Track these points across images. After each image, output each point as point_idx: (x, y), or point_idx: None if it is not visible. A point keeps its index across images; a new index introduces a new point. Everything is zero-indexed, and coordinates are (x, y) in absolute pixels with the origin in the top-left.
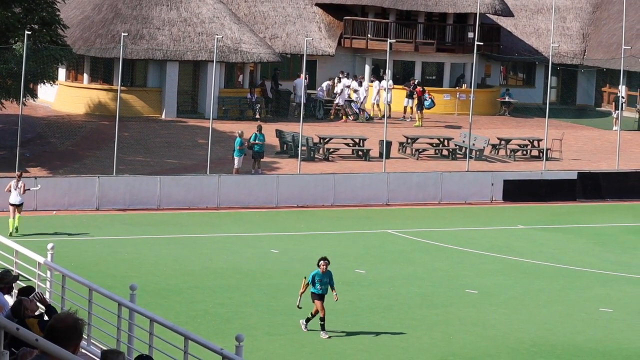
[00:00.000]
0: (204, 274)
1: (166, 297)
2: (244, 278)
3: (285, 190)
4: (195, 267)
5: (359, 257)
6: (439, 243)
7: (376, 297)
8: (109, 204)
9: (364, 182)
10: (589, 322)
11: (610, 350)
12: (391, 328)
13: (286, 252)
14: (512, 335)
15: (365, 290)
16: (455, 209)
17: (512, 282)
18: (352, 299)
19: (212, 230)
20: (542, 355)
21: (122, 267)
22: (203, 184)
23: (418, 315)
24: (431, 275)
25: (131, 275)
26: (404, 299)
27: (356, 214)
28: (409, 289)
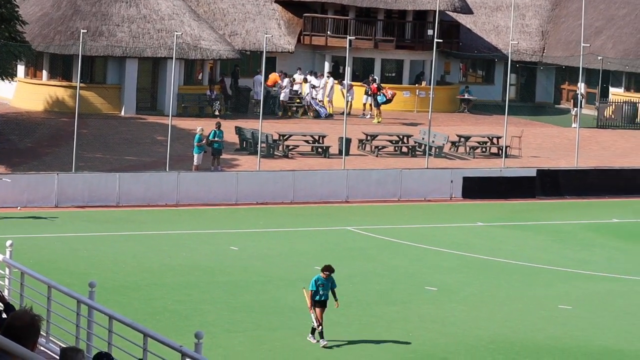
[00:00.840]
0: (162, 271)
1: (125, 294)
2: (203, 275)
3: (245, 187)
4: (154, 264)
5: (318, 254)
6: (399, 240)
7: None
8: (68, 200)
9: (323, 179)
10: (549, 319)
11: (570, 347)
12: (350, 325)
13: (245, 249)
14: (471, 332)
15: None
16: (415, 206)
17: (472, 279)
18: None
19: (171, 227)
20: (501, 353)
21: (81, 264)
22: (162, 181)
23: (377, 312)
24: (390, 272)
25: (90, 273)
26: (363, 296)
27: (315, 211)
28: (368, 285)
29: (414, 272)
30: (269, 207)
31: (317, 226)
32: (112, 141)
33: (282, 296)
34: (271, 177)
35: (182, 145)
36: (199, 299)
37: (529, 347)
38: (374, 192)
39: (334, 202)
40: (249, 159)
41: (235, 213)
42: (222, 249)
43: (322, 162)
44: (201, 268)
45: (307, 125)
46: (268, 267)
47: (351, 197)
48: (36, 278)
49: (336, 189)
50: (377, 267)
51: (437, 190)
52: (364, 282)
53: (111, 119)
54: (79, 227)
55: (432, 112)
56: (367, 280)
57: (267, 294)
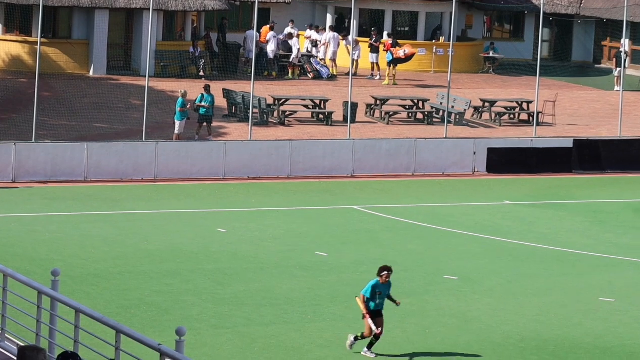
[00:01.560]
0: (138, 257)
1: (94, 283)
2: (186, 262)
3: (234, 160)
4: (129, 249)
5: (319, 237)
6: (413, 221)
7: (339, 284)
8: (27, 175)
9: (325, 150)
10: (587, 313)
11: (612, 346)
12: (356, 320)
13: (235, 231)
14: (497, 328)
15: (326, 276)
16: (432, 182)
17: (498, 267)
18: (311, 287)
19: (148, 206)
20: (532, 352)
21: (43, 249)
22: (138, 152)
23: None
24: (403, 259)
25: (53, 259)
26: None
27: (316, 187)
28: None
29: (431, 259)
30: (262, 183)
31: (317, 205)
32: (79, 106)
33: (277, 286)
34: (265, 147)
35: (161, 111)
36: (180, 290)
37: (565, 346)
38: (384, 165)
39: (338, 177)
40: (239, 127)
41: (223, 190)
42: (207, 232)
43: (324, 130)
44: (183, 254)
45: (306, 87)
46: (261, 252)
47: (357, 171)
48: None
49: (340, 161)
50: (388, 253)
51: (458, 163)
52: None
53: (78, 80)
54: (39, 205)
55: (452, 72)
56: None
57: (260, 283)
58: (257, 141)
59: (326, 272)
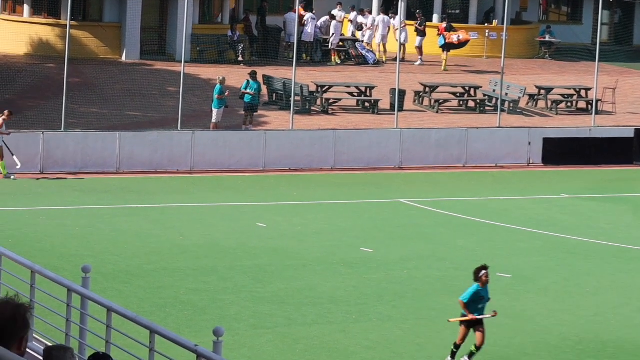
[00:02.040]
0: (173, 252)
1: (127, 281)
2: (223, 258)
3: (275, 150)
4: (163, 245)
5: (365, 232)
6: (464, 215)
7: (386, 282)
8: (56, 166)
9: (371, 140)
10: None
11: None
12: (404, 320)
13: (275, 226)
14: (553, 329)
15: (372, 273)
16: (484, 174)
17: (554, 264)
18: (356, 285)
19: (183, 199)
20: (590, 355)
21: (73, 244)
22: (173, 142)
23: (438, 304)
24: (453, 256)
25: (83, 255)
26: (420, 284)
27: (361, 180)
28: (426, 272)
29: (483, 255)
30: (305, 175)
31: (363, 198)
32: (111, 93)
33: (320, 283)
34: (307, 137)
35: (197, 99)
36: (218, 288)
37: (625, 348)
38: (433, 156)
39: (384, 169)
40: (280, 116)
41: (263, 182)
42: (246, 226)
43: (369, 119)
44: (221, 249)
45: (351, 74)
46: (303, 248)
47: (405, 163)
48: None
49: (387, 152)
50: (437, 249)
51: (511, 154)
52: (421, 267)
53: (109, 65)
54: (69, 198)
55: (506, 58)
56: (424, 265)
57: (302, 281)
58: (299, 130)
59: (372, 269)
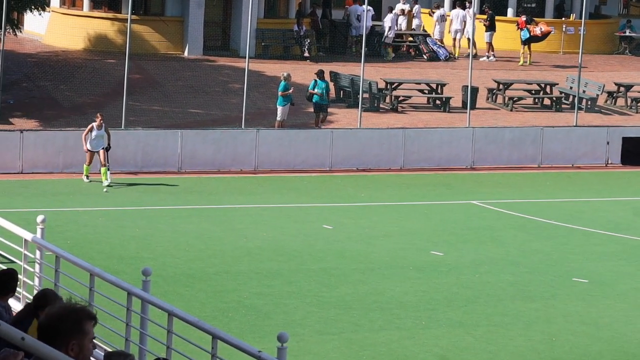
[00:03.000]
0: (236, 255)
1: (188, 284)
2: (288, 261)
3: (342, 150)
4: (226, 247)
5: (435, 235)
6: (538, 218)
7: (457, 286)
8: (116, 165)
9: (442, 139)
10: None
11: None
12: (476, 326)
13: (342, 228)
14: (632, 337)
15: (443, 277)
16: (560, 175)
17: (634, 268)
18: (426, 289)
19: (247, 200)
20: None
21: (132, 246)
22: (237, 141)
23: (511, 310)
24: (528, 260)
25: (143, 257)
26: (493, 289)
27: (432, 180)
28: (499, 276)
29: (558, 260)
30: (373, 175)
31: (433, 199)
32: (173, 89)
33: (388, 288)
34: (375, 136)
35: (262, 96)
36: (282, 292)
37: None
38: (507, 156)
39: (456, 169)
40: (348, 113)
41: (329, 182)
42: (312, 228)
43: (440, 117)
44: (286, 252)
45: (422, 70)
46: (370, 251)
47: (478, 163)
48: (75, 263)
49: (458, 152)
50: (511, 253)
51: (589, 154)
52: (494, 271)
53: (171, 61)
54: (129, 198)
55: (583, 53)
56: (497, 269)
57: (369, 286)
58: (367, 129)
59: (443, 274)
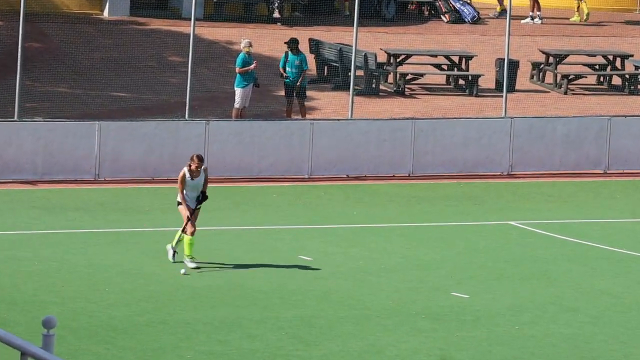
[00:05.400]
0: (178, 298)
1: (108, 340)
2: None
3: (326, 149)
4: (163, 287)
5: (458, 269)
6: (605, 245)
7: (488, 342)
8: (7, 170)
9: (468, 134)
10: None
11: None
12: None
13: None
14: None
15: (469, 330)
16: (635, 184)
17: None
18: (444, 346)
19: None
20: None
21: (30, 285)
22: (178, 137)
23: None
24: (590, 305)
25: (45, 301)
26: (540, 346)
27: (452, 192)
28: (548, 328)
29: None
30: (369, 185)
31: (455, 219)
32: (87, 64)
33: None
34: (374, 130)
35: (213, 74)
36: (242, 350)
37: None
38: (559, 158)
39: (487, 176)
40: (334, 99)
41: (308, 194)
42: (284, 260)
43: (465, 103)
44: (247, 293)
45: (439, 37)
46: (366, 292)
47: (517, 168)
48: None
49: (491, 152)
50: (566, 294)
51: None
52: (542, 321)
53: (85, 24)
54: (25, 218)
55: None
56: (546, 318)
57: (364, 341)
58: (361, 120)
59: (468, 324)
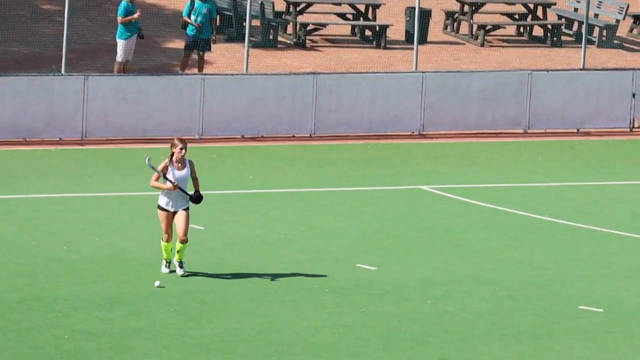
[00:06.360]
0: (53, 273)
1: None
2: (135, 281)
3: (219, 108)
4: (37, 260)
5: (365, 239)
6: (525, 212)
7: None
8: None
9: (375, 90)
10: None
11: None
12: None
13: (219, 229)
14: None
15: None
16: (559, 145)
17: None
18: (349, 324)
19: (70, 187)
20: None
21: None
22: (53, 95)
23: (483, 356)
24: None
25: None
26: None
27: (359, 155)
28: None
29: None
30: (267, 147)
31: (361, 184)
32: None
33: (291, 322)
34: (272, 86)
35: (92, 24)
36: (126, 329)
37: None
38: (475, 116)
39: (396, 136)
40: (227, 51)
41: (200, 157)
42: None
43: (372, 56)
44: (131, 267)
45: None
46: (263, 264)
47: (430, 127)
48: None
49: (400, 110)
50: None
51: (603, 112)
52: (456, 295)
53: None
54: None
55: None
56: (461, 292)
57: (261, 318)
58: (257, 75)
59: (375, 299)
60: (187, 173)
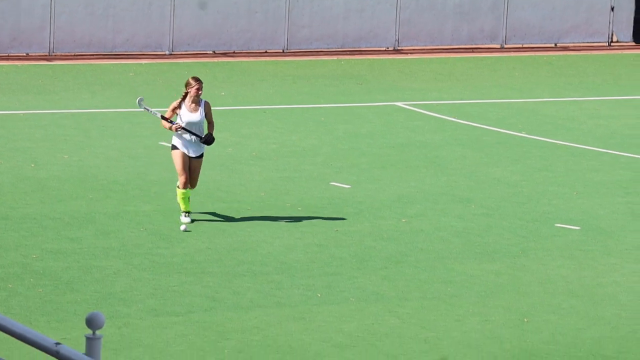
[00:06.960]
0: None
1: None
2: (105, 199)
3: (189, 22)
4: (4, 178)
5: (338, 156)
6: (501, 129)
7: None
8: None
9: (348, 5)
10: None
11: None
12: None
13: None
14: None
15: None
16: (535, 60)
17: None
18: (323, 243)
19: (37, 103)
20: None
21: None
22: (20, 7)
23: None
24: (484, 195)
25: None
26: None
27: (332, 70)
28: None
29: (531, 194)
30: (238, 62)
31: (334, 100)
32: None
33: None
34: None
35: None
36: (95, 248)
37: None
38: (450, 30)
39: (371, 52)
40: None
41: (170, 73)
42: (143, 146)
43: None
44: (101, 185)
45: None
46: (235, 182)
47: (405, 42)
48: None
49: (374, 24)
50: (458, 183)
51: (581, 26)
52: (431, 213)
53: None
54: None
55: None
56: (436, 210)
57: (232, 237)
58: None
59: (350, 217)
60: (201, 116)
